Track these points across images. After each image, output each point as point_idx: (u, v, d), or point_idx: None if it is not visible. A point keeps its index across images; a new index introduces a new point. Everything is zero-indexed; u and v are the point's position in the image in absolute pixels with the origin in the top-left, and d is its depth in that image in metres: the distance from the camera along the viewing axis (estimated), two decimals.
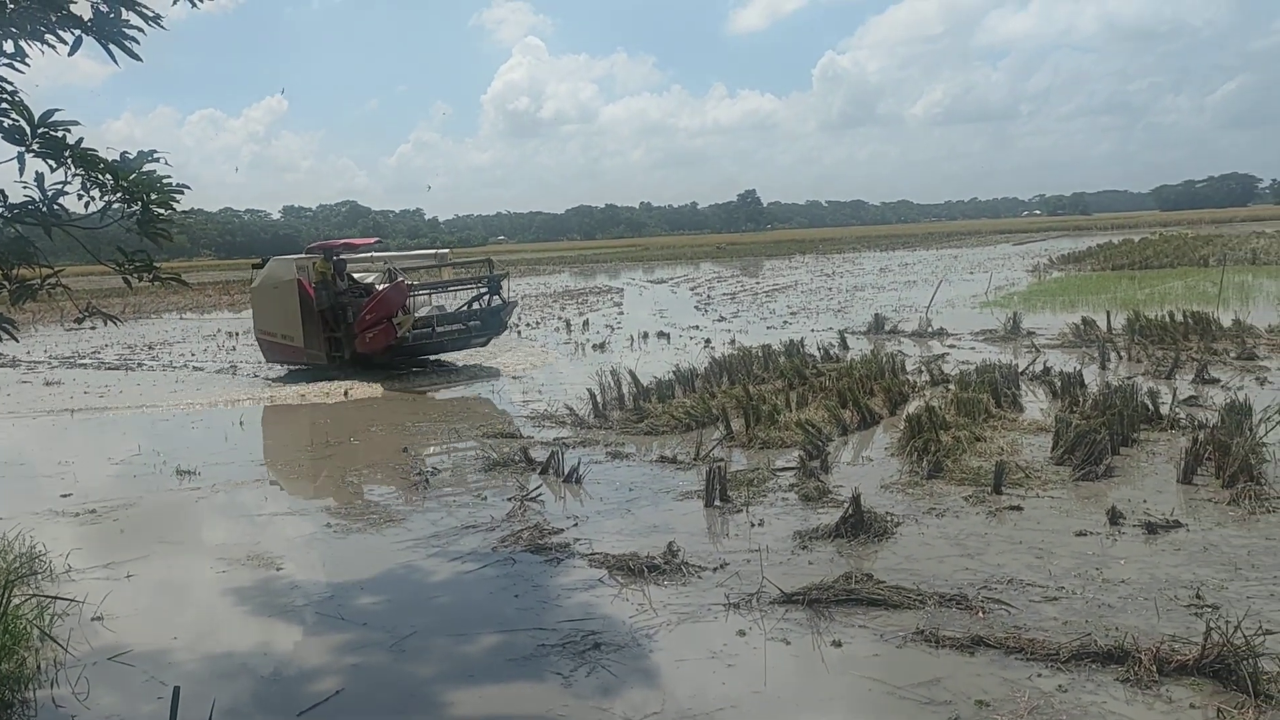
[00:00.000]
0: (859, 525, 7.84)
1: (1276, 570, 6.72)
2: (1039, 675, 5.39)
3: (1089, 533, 7.69)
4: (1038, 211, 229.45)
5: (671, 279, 52.86)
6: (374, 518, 9.36)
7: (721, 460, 10.30)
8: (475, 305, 20.32)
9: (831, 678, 5.64)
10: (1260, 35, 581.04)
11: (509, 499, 9.56)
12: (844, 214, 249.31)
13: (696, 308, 32.75)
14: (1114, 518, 7.85)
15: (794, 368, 15.55)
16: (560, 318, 30.48)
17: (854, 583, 6.68)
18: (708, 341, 22.17)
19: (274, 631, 6.74)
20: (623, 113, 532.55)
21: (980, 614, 6.22)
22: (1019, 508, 8.43)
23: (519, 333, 26.68)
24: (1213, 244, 49.26)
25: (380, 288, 19.37)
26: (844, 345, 18.98)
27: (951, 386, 13.42)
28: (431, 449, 12.31)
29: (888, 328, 22.30)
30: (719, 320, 28.02)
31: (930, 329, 21.51)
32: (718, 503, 9.00)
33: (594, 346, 22.73)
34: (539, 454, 11.06)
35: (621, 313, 32.61)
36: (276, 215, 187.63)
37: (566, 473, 10.22)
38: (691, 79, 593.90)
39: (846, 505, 8.03)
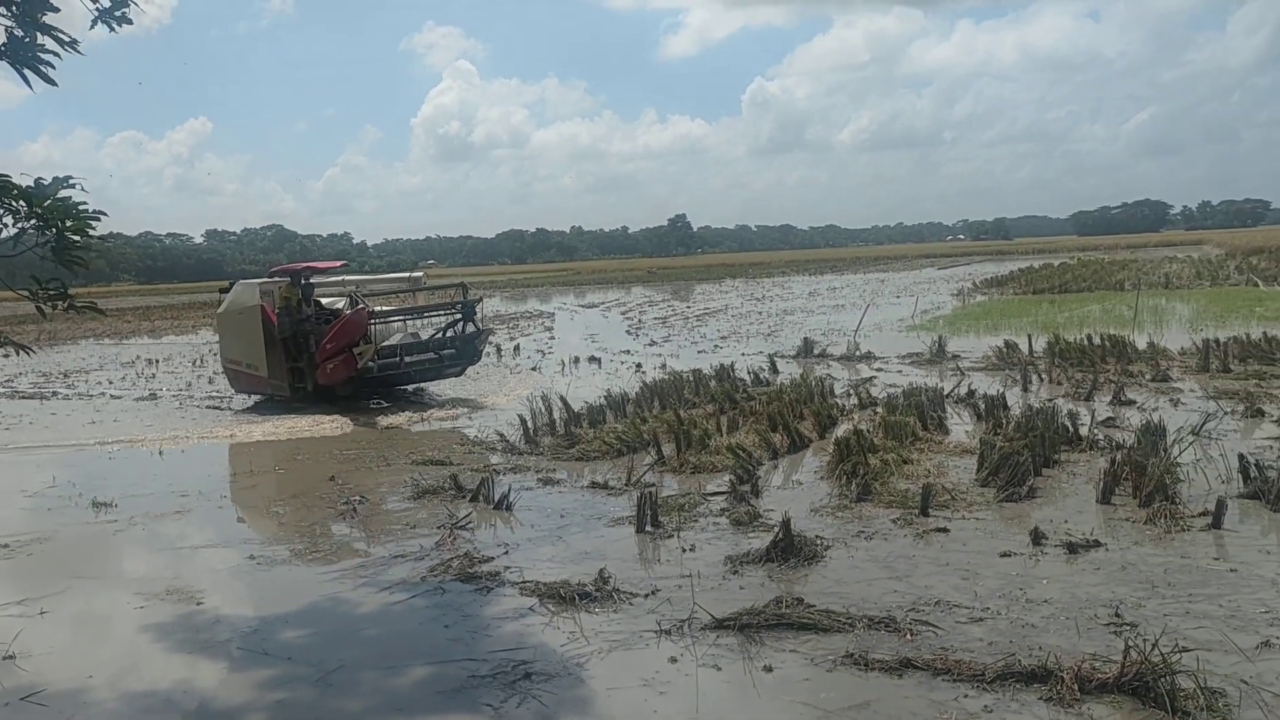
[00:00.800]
0: (789, 549, 7.89)
1: (1192, 588, 6.90)
2: (965, 696, 5.47)
3: (1013, 553, 7.83)
4: (961, 236, 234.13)
5: (603, 303, 52.93)
6: (300, 548, 9.19)
7: (653, 485, 10.31)
8: (449, 333, 19.13)
9: (763, 703, 5.65)
10: (1171, 67, 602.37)
11: (439, 527, 9.46)
12: (773, 238, 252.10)
13: (628, 332, 32.82)
14: (1037, 538, 8.01)
15: (724, 392, 15.65)
16: (491, 342, 30.29)
17: (784, 607, 6.72)
18: (639, 366, 22.22)
19: (196, 668, 6.56)
20: (554, 137, 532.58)
21: (908, 636, 6.28)
22: (946, 529, 8.55)
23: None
24: (1128, 269, 50.75)
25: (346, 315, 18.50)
26: (774, 369, 19.15)
27: (879, 410, 13.61)
28: (359, 477, 12.12)
29: (817, 351, 22.53)
30: (650, 344, 28.09)
31: (858, 353, 21.80)
32: (649, 528, 8.99)
33: (526, 371, 22.63)
34: (469, 480, 10.96)
35: (553, 337, 32.56)
36: (199, 239, 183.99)
37: (497, 500, 10.14)
38: (623, 104, 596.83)
39: (777, 529, 8.08)
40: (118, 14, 5.38)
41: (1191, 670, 5.29)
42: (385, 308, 19.67)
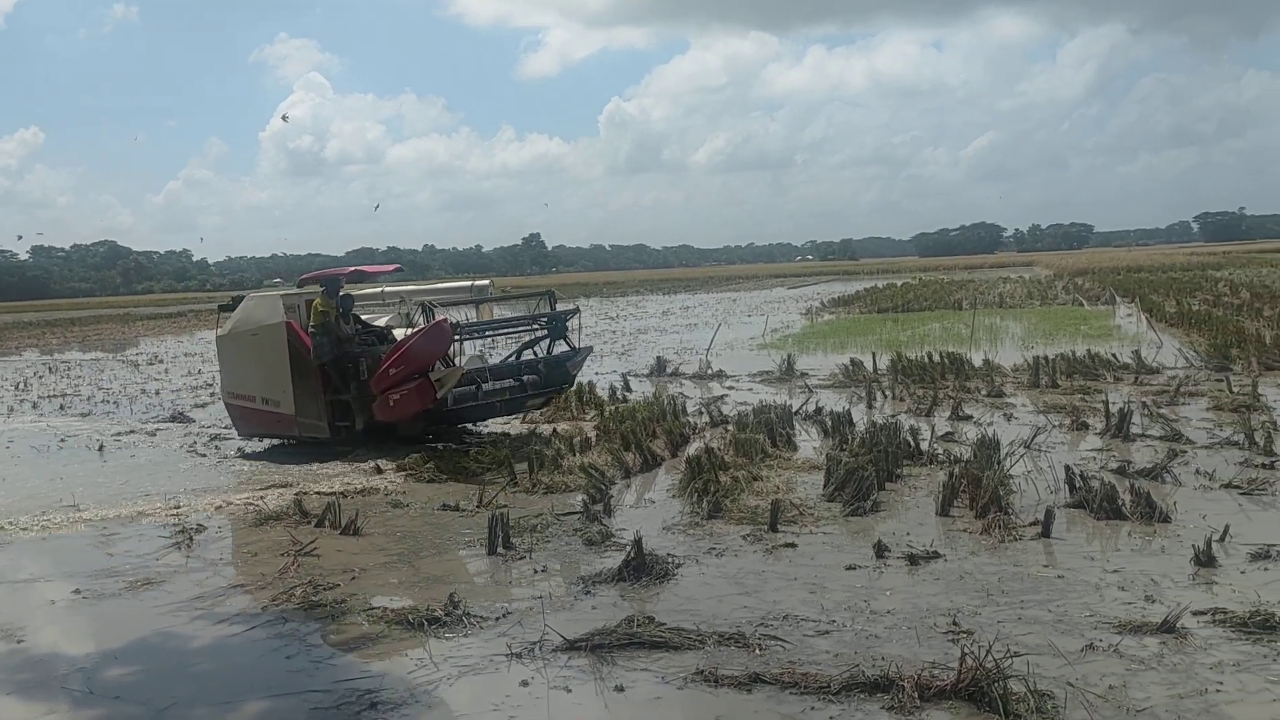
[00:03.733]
0: (641, 568, 7.90)
1: (1023, 595, 7.21)
2: (812, 708, 5.56)
3: (858, 566, 8.03)
4: (810, 257, 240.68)
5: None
6: (130, 580, 8.70)
7: (505, 507, 10.18)
8: (529, 353, 15.31)
9: None
10: (1008, 96, 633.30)
11: (281, 554, 9.13)
12: (627, 257, 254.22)
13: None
14: (880, 551, 8.24)
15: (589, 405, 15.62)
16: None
17: (636, 626, 6.72)
18: None
19: (13, 711, 6.14)
20: (410, 154, 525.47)
21: (758, 651, 6.36)
22: (794, 544, 8.72)
23: None
24: (965, 288, 53.05)
25: (406, 332, 14.54)
26: (627, 388, 19.24)
27: (730, 427, 13.81)
28: (194, 503, 11.59)
29: (670, 370, 22.75)
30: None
31: (710, 371, 22.10)
32: (501, 550, 8.88)
33: None
34: (315, 504, 10.62)
35: None
36: (25, 255, 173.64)
37: (344, 524, 9.85)
38: (481, 121, 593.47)
39: (629, 549, 8.09)
40: None
41: (1022, 674, 5.51)
42: (458, 319, 15.23)
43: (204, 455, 14.89)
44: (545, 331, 15.21)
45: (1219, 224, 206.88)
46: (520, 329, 15.88)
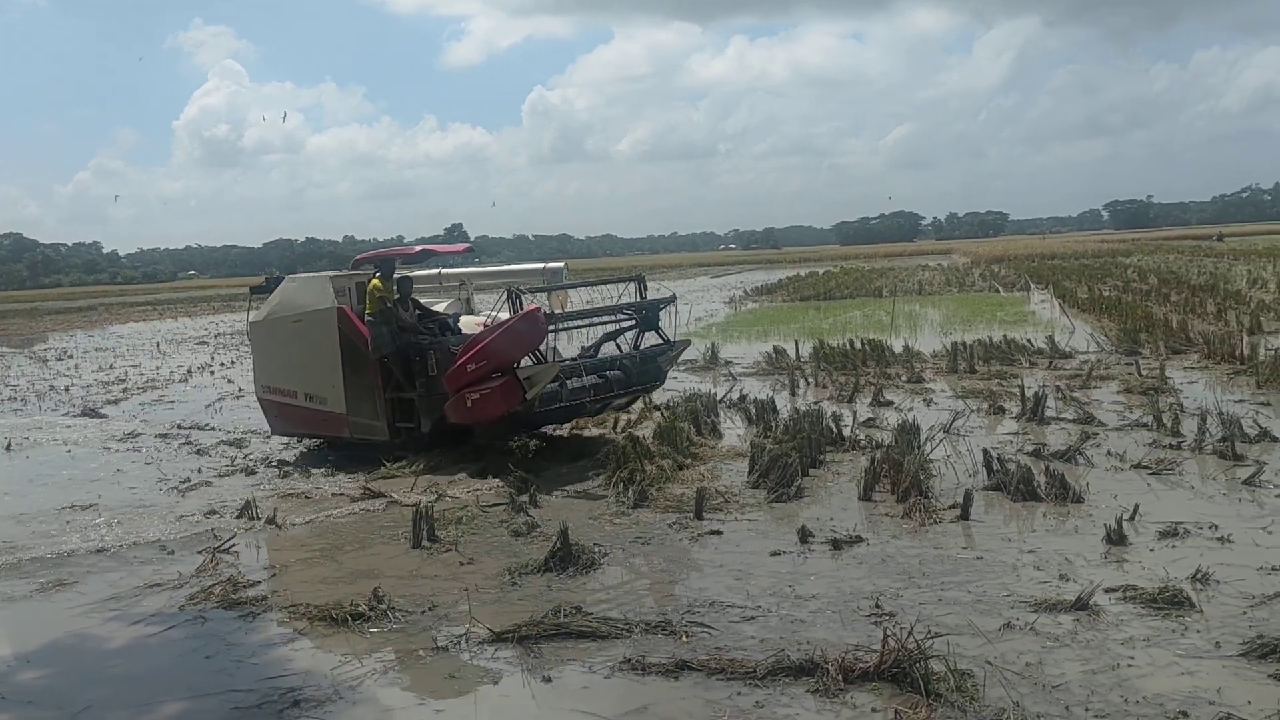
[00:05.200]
0: (568, 558, 7.89)
1: (944, 576, 7.35)
2: (738, 694, 5.61)
3: (783, 552, 8.11)
4: (733, 246, 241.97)
5: None
6: (42, 581, 8.45)
7: (431, 499, 10.08)
8: (607, 345, 13.52)
9: (542, 713, 5.62)
10: (925, 87, 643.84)
11: (199, 551, 8.93)
12: (550, 247, 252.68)
13: None
14: (804, 536, 8.33)
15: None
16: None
17: (563, 616, 6.71)
18: None
19: None
20: (331, 143, 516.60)
21: (685, 638, 6.40)
22: (719, 532, 8.78)
23: (212, 372, 25.14)
24: (886, 276, 53.82)
25: (477, 322, 13.00)
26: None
27: (655, 416, 13.84)
28: (106, 500, 11.28)
29: None
30: None
31: None
32: (426, 543, 8.80)
33: None
34: (235, 500, 10.41)
35: None
36: None
37: (265, 520, 9.67)
38: (403, 111, 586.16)
39: (555, 539, 8.07)
40: None
41: (943, 654, 5.62)
42: (559, 310, 12.89)
43: (117, 451, 14.50)
44: (632, 322, 13.25)
45: (1128, 212, 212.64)
46: (616, 319, 13.42)
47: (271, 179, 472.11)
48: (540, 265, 15.82)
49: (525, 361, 11.40)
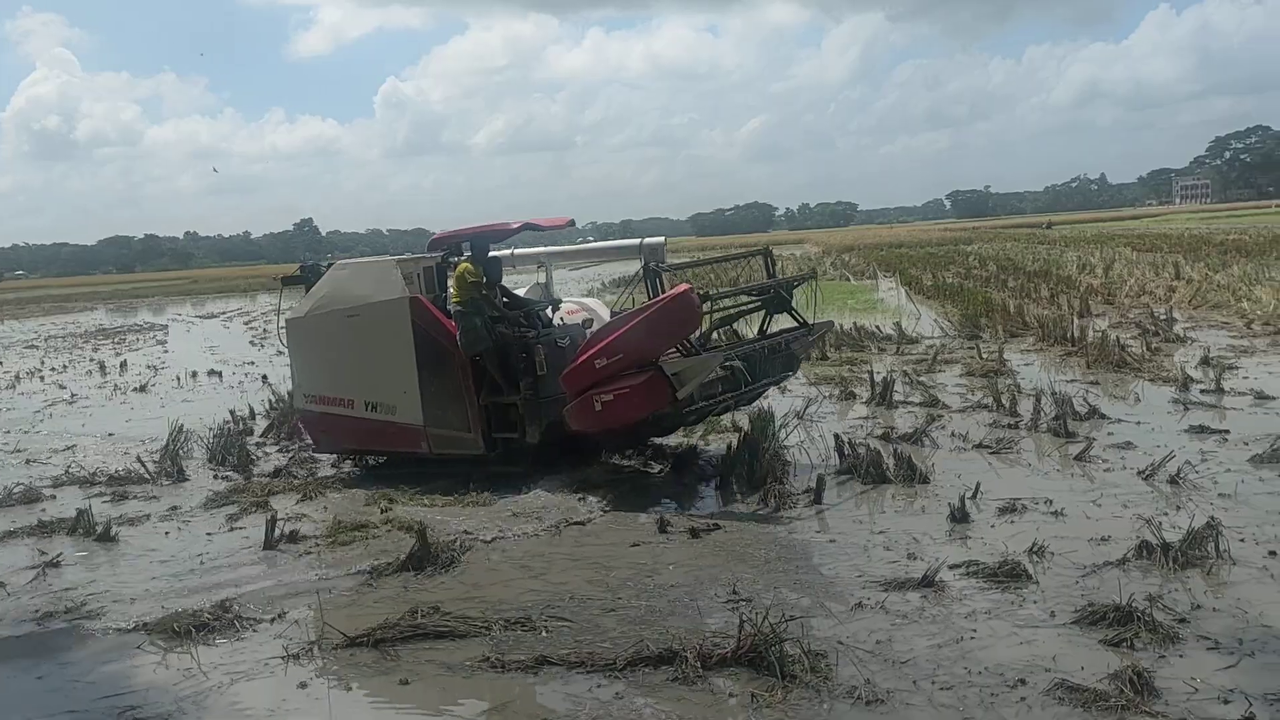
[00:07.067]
0: (426, 557, 7.74)
1: (798, 560, 7.52)
2: (599, 686, 5.61)
3: (642, 543, 8.15)
4: (591, 238, 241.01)
5: (224, 313, 49.70)
6: None
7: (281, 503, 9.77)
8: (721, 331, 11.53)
9: (400, 717, 5.51)
10: (779, 79, 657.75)
11: (27, 567, 8.43)
12: (406, 242, 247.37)
13: (252, 342, 30.97)
14: (663, 526, 8.39)
15: None
16: (94, 359, 27.55)
17: (421, 617, 6.59)
18: (265, 377, 21.04)
19: None
20: (171, 135, 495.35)
21: (545, 633, 6.36)
22: (582, 523, 8.77)
23: (42, 378, 23.82)
24: (741, 267, 54.60)
25: (558, 316, 11.46)
26: None
27: None
28: None
29: None
30: (279, 353, 26.67)
31: None
32: (280, 548, 8.52)
33: (134, 389, 20.71)
34: (66, 512, 9.87)
35: (167, 350, 30.15)
36: None
37: (99, 532, 9.19)
38: (248, 102, 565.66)
39: (413, 538, 7.92)
40: None
41: (797, 637, 5.74)
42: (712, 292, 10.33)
43: None
44: (761, 304, 11.16)
45: (969, 201, 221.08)
46: (764, 298, 11.11)
47: (106, 173, 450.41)
48: (637, 241, 13.53)
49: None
